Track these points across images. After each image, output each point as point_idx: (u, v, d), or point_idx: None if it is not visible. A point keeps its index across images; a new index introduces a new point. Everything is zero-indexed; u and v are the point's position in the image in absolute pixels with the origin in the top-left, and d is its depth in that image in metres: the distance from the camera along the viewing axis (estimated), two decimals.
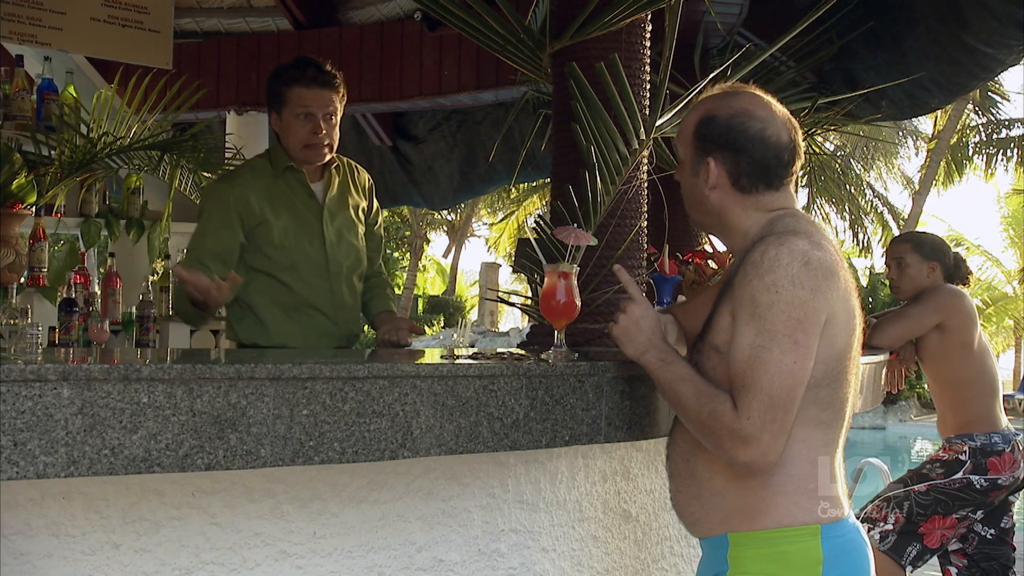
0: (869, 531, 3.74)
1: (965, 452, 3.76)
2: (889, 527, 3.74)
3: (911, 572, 3.83)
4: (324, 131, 3.09)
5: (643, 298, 2.06)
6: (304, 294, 3.16)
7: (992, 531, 3.78)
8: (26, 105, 4.38)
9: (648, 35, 3.16)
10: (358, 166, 3.42)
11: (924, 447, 13.10)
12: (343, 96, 3.15)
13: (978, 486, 3.71)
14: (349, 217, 3.27)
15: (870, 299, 14.66)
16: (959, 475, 3.74)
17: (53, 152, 4.26)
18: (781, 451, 1.79)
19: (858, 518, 3.78)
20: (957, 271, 4.02)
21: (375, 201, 3.44)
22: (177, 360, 1.69)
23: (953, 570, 3.84)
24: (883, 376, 4.11)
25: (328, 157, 3.17)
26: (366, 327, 3.60)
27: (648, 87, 3.12)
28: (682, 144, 2.05)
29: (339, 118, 3.16)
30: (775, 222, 1.93)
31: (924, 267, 3.98)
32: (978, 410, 3.83)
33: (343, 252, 3.24)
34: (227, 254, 3.10)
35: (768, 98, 2.03)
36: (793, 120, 2.04)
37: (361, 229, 3.32)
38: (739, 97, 2.03)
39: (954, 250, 4.15)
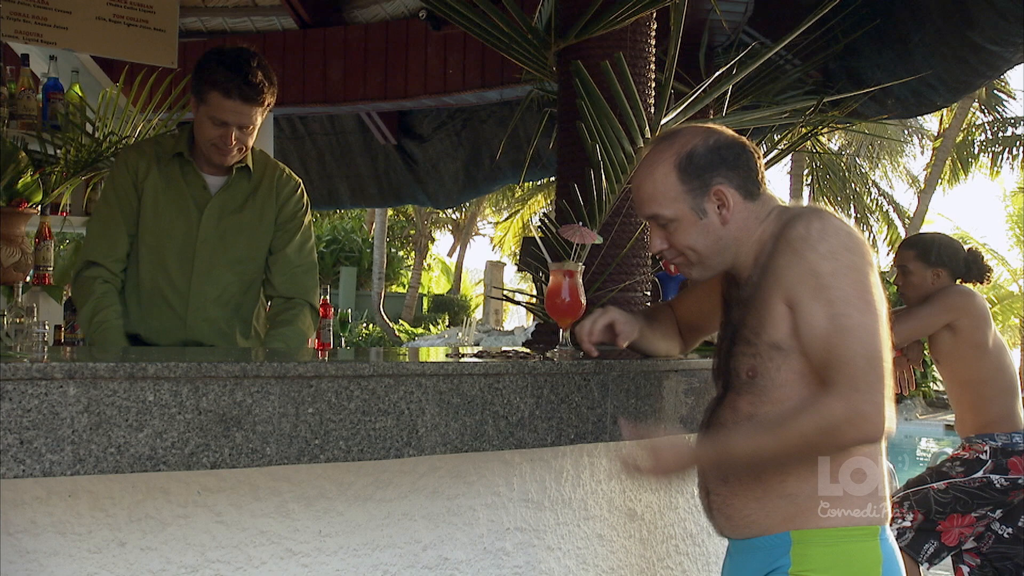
0: None
1: (986, 452, 3.74)
2: (907, 524, 3.73)
3: (927, 570, 3.82)
4: (235, 140, 2.92)
5: (658, 440, 1.94)
6: (158, 282, 2.99)
7: (1010, 530, 3.75)
8: (32, 104, 4.39)
9: (653, 33, 3.17)
10: (289, 174, 3.17)
11: (930, 446, 13.07)
12: (268, 105, 2.95)
13: (998, 485, 3.69)
14: (246, 223, 3.05)
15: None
16: (979, 474, 3.72)
17: (59, 151, 4.26)
18: (890, 409, 1.75)
19: None
20: (969, 272, 3.97)
21: (300, 218, 3.15)
22: (183, 359, 1.70)
23: (965, 569, 3.82)
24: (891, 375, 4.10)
25: (233, 162, 3.01)
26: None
27: (653, 85, 3.13)
28: (667, 202, 1.95)
29: (259, 124, 2.97)
30: (788, 209, 1.93)
31: (928, 274, 3.95)
32: (999, 410, 3.80)
33: (219, 253, 3.02)
34: (129, 222, 2.99)
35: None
36: None
37: (264, 240, 3.08)
38: (686, 130, 2.01)
39: (969, 248, 4.09)
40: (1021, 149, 21.85)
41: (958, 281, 3.96)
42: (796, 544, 1.87)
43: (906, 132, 24.90)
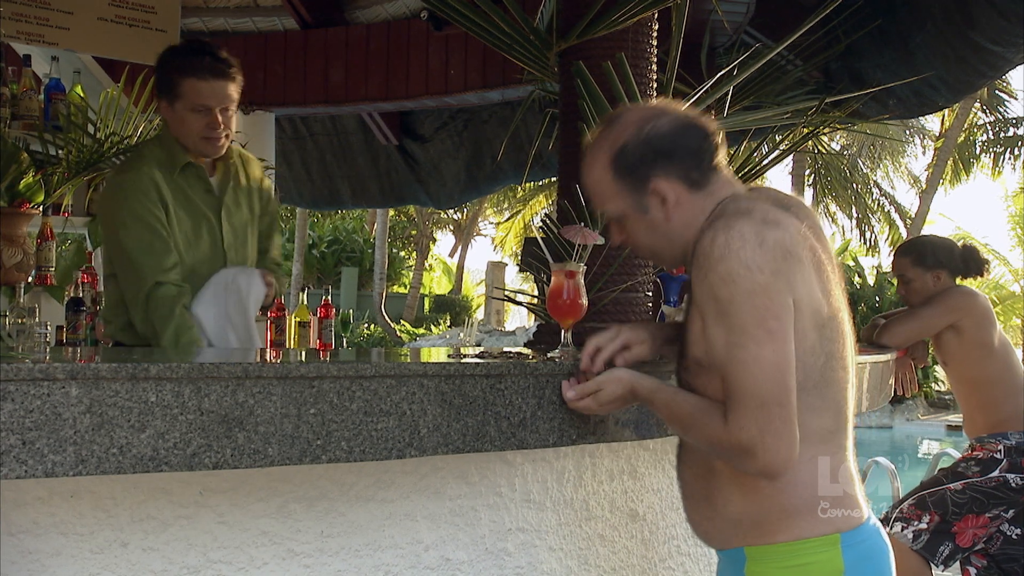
0: (903, 530, 3.71)
1: (1000, 451, 3.73)
2: (923, 526, 3.70)
3: (941, 572, 3.81)
4: (221, 124, 2.91)
5: (602, 380, 1.94)
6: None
7: (1018, 531, 3.73)
8: (33, 105, 4.40)
9: (655, 34, 3.16)
10: (250, 156, 3.23)
11: (931, 446, 13.06)
12: (240, 83, 2.96)
13: (1014, 484, 3.68)
14: (246, 215, 3.10)
15: (877, 298, 14.59)
16: (995, 473, 3.70)
17: (60, 152, 4.27)
18: (794, 446, 1.67)
19: (891, 517, 3.76)
20: (967, 267, 3.96)
21: (271, 192, 3.27)
22: (185, 359, 1.70)
23: (972, 570, 3.80)
24: (891, 375, 4.10)
25: (224, 150, 3.00)
26: None
27: (655, 86, 3.12)
28: (609, 200, 1.87)
29: (235, 108, 2.98)
30: (724, 206, 1.80)
31: (928, 277, 3.94)
32: (1009, 408, 3.79)
33: (240, 253, 3.07)
34: (172, 243, 2.90)
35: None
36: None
37: (256, 225, 3.16)
38: (624, 117, 1.89)
39: (962, 243, 4.09)
40: (1022, 149, 21.86)
41: (957, 279, 3.96)
42: (750, 561, 1.83)
43: (908, 132, 24.92)
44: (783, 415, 1.66)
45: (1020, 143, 21.90)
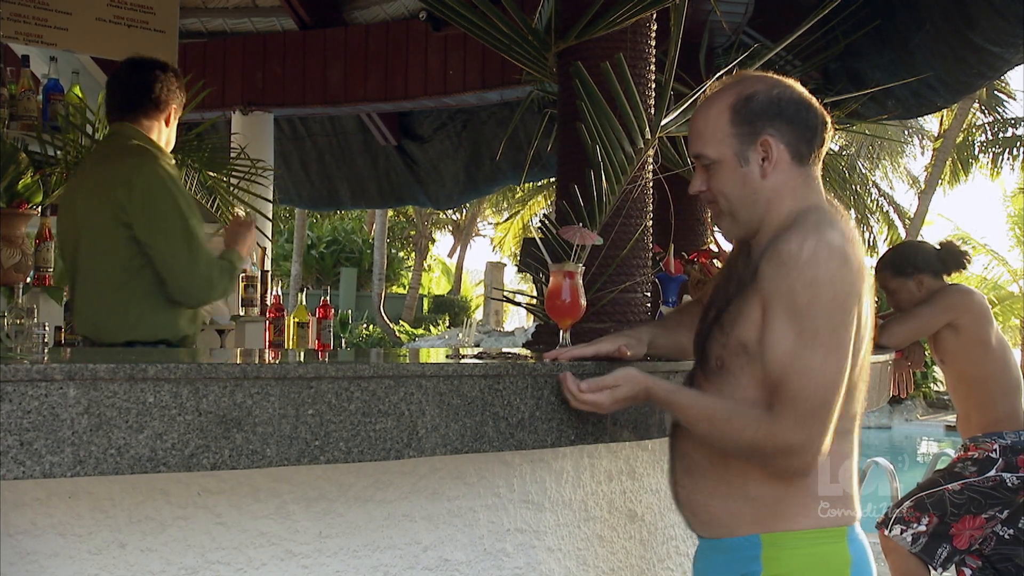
0: (902, 532, 3.71)
1: (996, 450, 3.73)
2: (922, 528, 3.70)
3: (939, 574, 3.81)
4: None
5: (619, 377, 1.94)
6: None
7: (1011, 531, 3.74)
8: (32, 105, 4.39)
9: (653, 34, 3.16)
10: None
11: (930, 447, 13.07)
12: None
13: (1010, 484, 3.68)
14: None
15: (876, 299, 14.61)
16: (992, 472, 3.70)
17: (59, 152, 4.26)
18: (826, 451, 1.76)
19: (890, 518, 3.77)
20: (946, 265, 3.97)
21: None
22: (183, 360, 1.70)
23: (968, 571, 3.81)
24: (890, 377, 4.10)
25: None
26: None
27: (653, 86, 3.12)
28: (714, 142, 1.90)
29: None
30: (808, 213, 1.84)
31: (910, 285, 3.96)
32: (1005, 408, 3.79)
33: None
34: None
35: None
36: None
37: None
38: (756, 76, 1.95)
39: (939, 242, 4.11)
40: (1021, 150, 21.84)
41: (944, 277, 3.97)
42: (767, 548, 1.84)
43: (906, 133, 24.88)
44: (829, 421, 1.75)
45: (1019, 143, 21.86)
